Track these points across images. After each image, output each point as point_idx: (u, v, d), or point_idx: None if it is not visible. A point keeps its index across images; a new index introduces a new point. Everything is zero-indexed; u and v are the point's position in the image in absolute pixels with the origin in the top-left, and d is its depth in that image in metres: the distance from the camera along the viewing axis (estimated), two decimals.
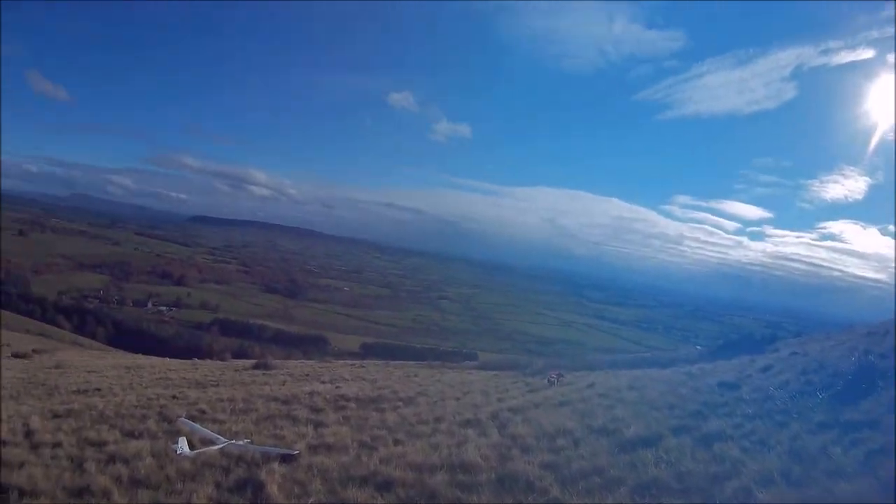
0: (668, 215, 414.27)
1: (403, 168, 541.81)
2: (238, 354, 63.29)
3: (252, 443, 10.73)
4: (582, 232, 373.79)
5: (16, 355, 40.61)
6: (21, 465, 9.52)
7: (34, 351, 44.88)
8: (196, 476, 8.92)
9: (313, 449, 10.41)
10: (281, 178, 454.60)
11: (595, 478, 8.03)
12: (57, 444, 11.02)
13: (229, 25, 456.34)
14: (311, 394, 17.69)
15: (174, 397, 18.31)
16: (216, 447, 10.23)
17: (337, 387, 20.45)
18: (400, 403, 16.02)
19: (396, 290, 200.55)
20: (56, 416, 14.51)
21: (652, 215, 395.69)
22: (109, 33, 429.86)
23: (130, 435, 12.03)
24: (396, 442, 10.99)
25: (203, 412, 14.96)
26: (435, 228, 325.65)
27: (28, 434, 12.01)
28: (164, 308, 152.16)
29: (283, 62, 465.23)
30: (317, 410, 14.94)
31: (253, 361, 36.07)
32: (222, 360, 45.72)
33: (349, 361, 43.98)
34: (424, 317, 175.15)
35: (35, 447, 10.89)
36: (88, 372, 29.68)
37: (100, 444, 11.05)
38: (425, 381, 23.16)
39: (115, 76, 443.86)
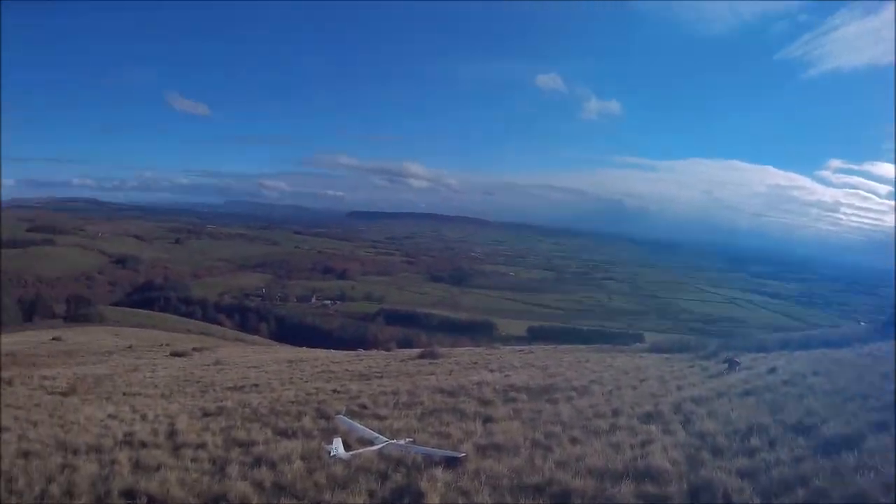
0: (823, 181, 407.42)
1: (559, 150, 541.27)
2: (404, 344, 64.78)
3: (414, 442, 10.20)
4: (740, 203, 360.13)
5: (175, 354, 43.77)
6: (157, 467, 9.39)
7: (194, 349, 48.42)
8: (348, 483, 8.40)
9: (481, 450, 9.71)
10: (438, 168, 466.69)
11: (800, 490, 7.11)
12: (201, 445, 10.94)
13: (371, 21, 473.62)
14: (479, 384, 17.16)
15: (335, 391, 18.49)
16: (374, 448, 9.80)
17: (506, 375, 19.88)
18: (574, 393, 15.34)
19: (561, 273, 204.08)
20: (206, 414, 14.85)
21: (807, 182, 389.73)
22: (243, 47, 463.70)
23: (283, 434, 11.86)
24: (573, 441, 10.26)
25: (364, 407, 14.81)
26: (595, 208, 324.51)
27: (172, 434, 12.13)
28: (328, 302, 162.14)
29: (427, 53, 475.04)
30: (485, 403, 14.32)
31: (419, 350, 36.25)
32: (388, 350, 46.77)
33: (517, 347, 43.96)
34: (589, 298, 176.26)
35: (177, 448, 10.87)
36: (248, 367, 31.32)
37: (247, 445, 10.84)
38: (597, 367, 22.19)
39: (256, 87, 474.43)
